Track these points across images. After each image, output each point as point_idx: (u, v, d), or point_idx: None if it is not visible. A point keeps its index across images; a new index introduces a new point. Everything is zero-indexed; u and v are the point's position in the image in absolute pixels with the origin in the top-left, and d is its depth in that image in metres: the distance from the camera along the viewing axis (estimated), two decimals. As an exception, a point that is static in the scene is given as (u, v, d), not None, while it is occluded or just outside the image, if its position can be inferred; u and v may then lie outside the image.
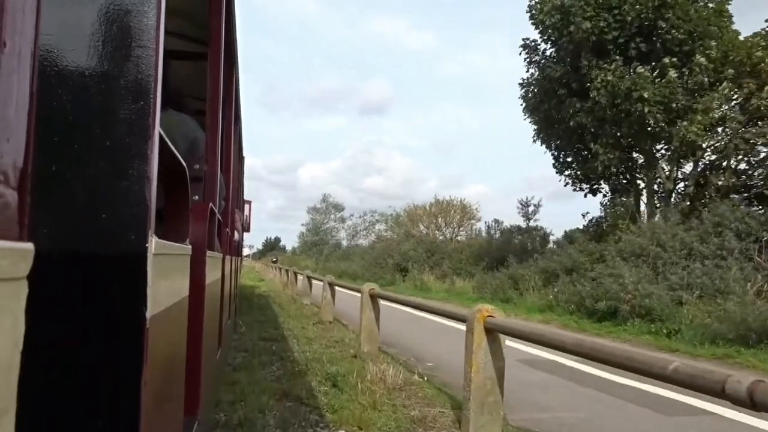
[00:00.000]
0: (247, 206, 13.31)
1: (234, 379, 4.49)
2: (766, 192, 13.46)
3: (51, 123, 0.82)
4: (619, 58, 13.42)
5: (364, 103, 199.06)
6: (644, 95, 12.66)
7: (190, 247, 1.53)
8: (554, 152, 17.10)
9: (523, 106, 16.93)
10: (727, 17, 13.94)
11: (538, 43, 16.14)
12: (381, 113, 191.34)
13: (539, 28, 15.32)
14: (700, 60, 12.88)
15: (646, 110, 12.74)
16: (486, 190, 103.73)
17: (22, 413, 0.39)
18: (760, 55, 12.97)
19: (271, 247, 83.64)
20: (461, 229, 35.62)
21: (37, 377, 0.76)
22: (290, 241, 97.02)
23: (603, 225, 16.05)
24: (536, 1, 15.15)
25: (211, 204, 2.28)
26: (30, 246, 0.40)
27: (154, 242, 0.88)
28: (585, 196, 17.27)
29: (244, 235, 11.58)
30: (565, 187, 17.43)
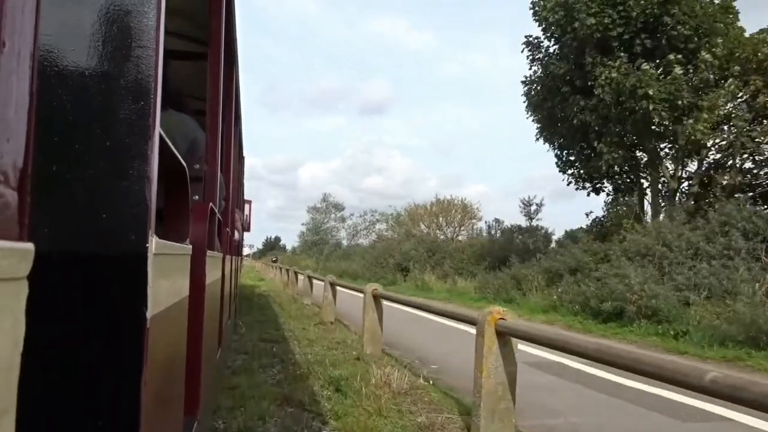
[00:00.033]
0: (247, 206, 13.32)
1: (233, 384, 4.37)
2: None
3: (51, 123, 0.82)
4: (623, 55, 13.22)
5: (364, 103, 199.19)
6: (649, 92, 12.49)
7: (191, 247, 1.53)
8: (557, 151, 16.96)
9: (526, 104, 16.75)
10: (733, 13, 13.77)
11: (541, 41, 15.99)
12: (381, 113, 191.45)
13: (542, 25, 15.15)
14: (705, 56, 12.72)
15: (651, 107, 12.57)
16: (486, 190, 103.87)
17: (22, 413, 0.39)
18: (767, 52, 12.86)
19: (271, 246, 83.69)
20: (462, 229, 35.65)
21: (37, 377, 0.76)
22: (290, 241, 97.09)
23: (607, 224, 15.84)
24: (539, -2, 14.96)
25: (211, 204, 2.28)
26: (30, 246, 0.40)
27: (154, 242, 0.88)
28: (588, 195, 17.23)
29: (244, 234, 11.59)
30: (567, 186, 17.40)
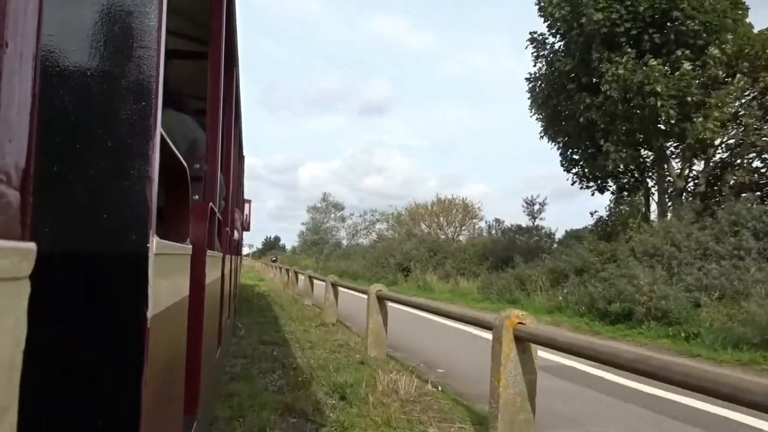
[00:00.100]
0: (246, 205, 13.32)
1: (232, 391, 4.17)
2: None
3: (53, 124, 0.83)
4: (631, 51, 12.95)
5: (364, 103, 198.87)
6: (657, 89, 12.26)
7: (191, 246, 1.53)
8: (561, 149, 16.76)
9: (530, 101, 16.51)
10: (743, 9, 13.55)
11: (546, 37, 15.81)
12: (381, 113, 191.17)
13: (548, 21, 14.96)
14: (713, 52, 12.49)
15: (659, 104, 12.37)
16: (486, 190, 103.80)
17: (23, 412, 0.39)
18: (776, 49, 12.69)
19: (271, 246, 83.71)
20: (463, 229, 35.65)
21: (38, 377, 0.76)
22: (290, 241, 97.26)
23: (614, 223, 15.56)
24: (545, -7, 14.73)
25: (211, 204, 2.29)
26: (32, 246, 0.41)
27: (155, 242, 0.88)
28: (592, 195, 17.06)
29: (244, 234, 11.59)
30: (572, 186, 17.27)
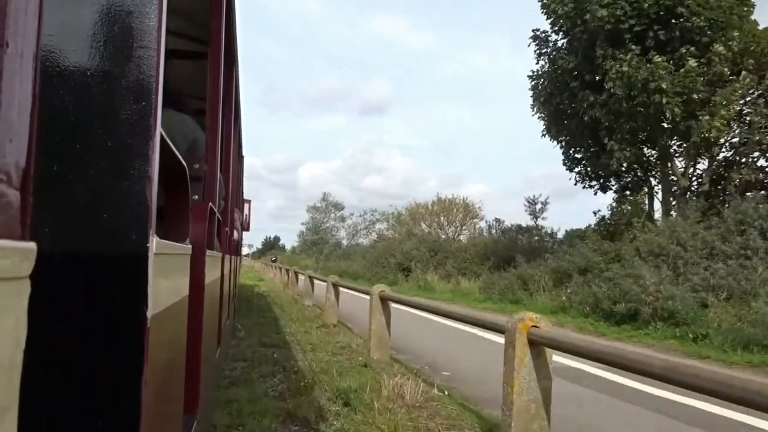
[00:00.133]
0: (246, 205, 13.33)
1: (231, 396, 4.01)
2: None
3: (53, 124, 0.83)
4: (635, 48, 12.78)
5: (364, 103, 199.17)
6: (662, 86, 12.12)
7: (190, 246, 1.53)
8: (564, 148, 16.62)
9: (533, 100, 16.34)
10: (749, 5, 13.39)
11: (549, 34, 15.70)
12: (381, 113, 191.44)
13: (551, 18, 14.84)
14: (719, 49, 12.34)
15: (664, 101, 12.20)
16: (486, 190, 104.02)
17: (23, 412, 0.39)
18: (782, 46, 12.54)
19: (271, 246, 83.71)
20: (464, 228, 35.62)
21: (38, 376, 0.76)
22: (290, 241, 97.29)
23: (617, 223, 15.34)
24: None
25: (210, 204, 2.29)
26: (32, 246, 0.41)
27: (155, 242, 0.88)
28: (595, 194, 16.82)
29: (244, 234, 11.59)
30: (575, 185, 17.15)
